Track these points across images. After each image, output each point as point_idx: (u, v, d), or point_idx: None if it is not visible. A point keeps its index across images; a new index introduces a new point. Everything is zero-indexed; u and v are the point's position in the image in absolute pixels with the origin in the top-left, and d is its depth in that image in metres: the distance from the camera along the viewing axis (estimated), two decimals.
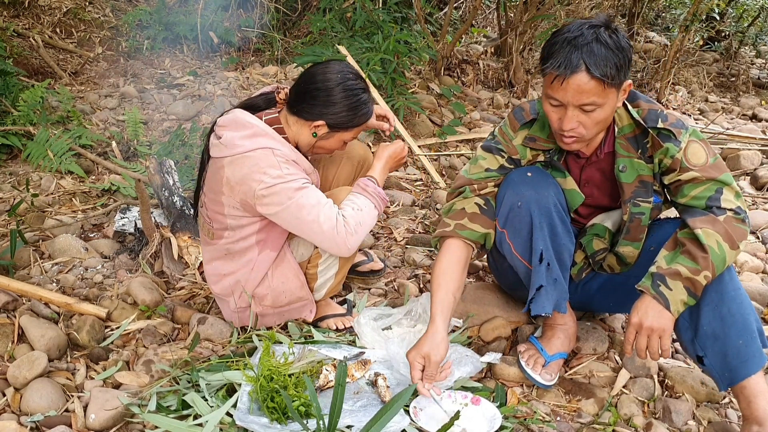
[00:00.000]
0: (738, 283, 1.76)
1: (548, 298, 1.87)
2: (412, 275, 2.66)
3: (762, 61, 7.26)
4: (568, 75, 1.63)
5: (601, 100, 1.66)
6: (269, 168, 1.88)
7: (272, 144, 1.92)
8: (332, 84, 1.96)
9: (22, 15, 5.35)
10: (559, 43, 1.65)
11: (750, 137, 4.44)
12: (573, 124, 1.70)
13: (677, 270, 1.68)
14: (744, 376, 1.71)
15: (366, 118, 2.04)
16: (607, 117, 1.71)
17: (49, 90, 4.04)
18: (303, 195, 1.89)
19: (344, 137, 2.05)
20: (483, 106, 4.86)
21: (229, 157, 1.91)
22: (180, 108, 4.22)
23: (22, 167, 3.46)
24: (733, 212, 1.72)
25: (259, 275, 2.06)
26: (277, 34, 5.20)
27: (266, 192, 1.87)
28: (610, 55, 1.62)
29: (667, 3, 7.47)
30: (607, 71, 1.62)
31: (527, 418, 1.82)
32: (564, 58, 1.63)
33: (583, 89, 1.64)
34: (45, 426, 1.69)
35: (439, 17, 5.64)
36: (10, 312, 2.15)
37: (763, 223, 3.23)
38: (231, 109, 2.03)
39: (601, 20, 1.67)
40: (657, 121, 1.79)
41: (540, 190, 1.86)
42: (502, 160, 1.95)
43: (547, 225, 1.86)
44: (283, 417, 1.67)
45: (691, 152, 1.77)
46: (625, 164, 1.84)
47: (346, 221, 1.91)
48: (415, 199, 3.46)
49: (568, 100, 1.67)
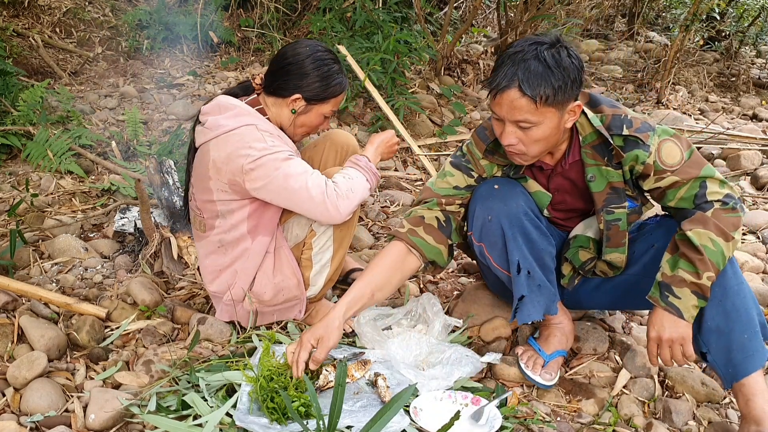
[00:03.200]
0: (741, 276, 1.75)
1: (534, 306, 1.87)
2: (412, 275, 2.66)
3: (762, 61, 7.26)
4: (500, 90, 1.63)
5: (534, 118, 1.64)
6: (254, 142, 1.91)
7: (256, 121, 1.97)
8: (302, 56, 2.02)
9: (21, 15, 5.34)
10: (502, 58, 1.66)
11: (750, 137, 4.44)
12: (512, 140, 1.70)
13: (681, 277, 1.67)
14: (749, 371, 1.71)
15: (340, 89, 2.07)
16: (547, 136, 1.69)
17: (48, 90, 4.04)
18: (290, 165, 1.91)
19: (322, 110, 2.08)
20: (483, 106, 4.86)
21: (214, 139, 1.95)
22: (180, 108, 4.22)
23: (22, 167, 3.46)
24: (720, 203, 1.69)
25: (255, 264, 2.05)
26: (277, 34, 5.20)
27: (253, 165, 1.89)
28: (547, 74, 1.60)
29: (667, 3, 7.47)
30: (539, 91, 1.60)
31: (527, 419, 1.82)
32: (501, 73, 1.63)
33: (515, 106, 1.63)
34: (45, 426, 1.69)
35: (439, 17, 5.64)
36: (10, 312, 2.15)
37: (763, 223, 3.23)
38: (212, 98, 2.07)
39: (549, 38, 1.65)
40: (622, 128, 1.75)
41: (508, 201, 1.86)
42: (471, 180, 1.94)
43: (520, 235, 1.86)
44: (283, 417, 1.67)
45: (665, 153, 1.74)
46: (593, 173, 1.82)
47: (336, 185, 1.92)
48: (414, 199, 3.46)
49: (503, 115, 1.67)
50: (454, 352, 2.00)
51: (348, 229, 2.09)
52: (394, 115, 3.90)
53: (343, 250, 2.13)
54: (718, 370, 1.76)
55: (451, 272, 2.69)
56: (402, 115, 3.94)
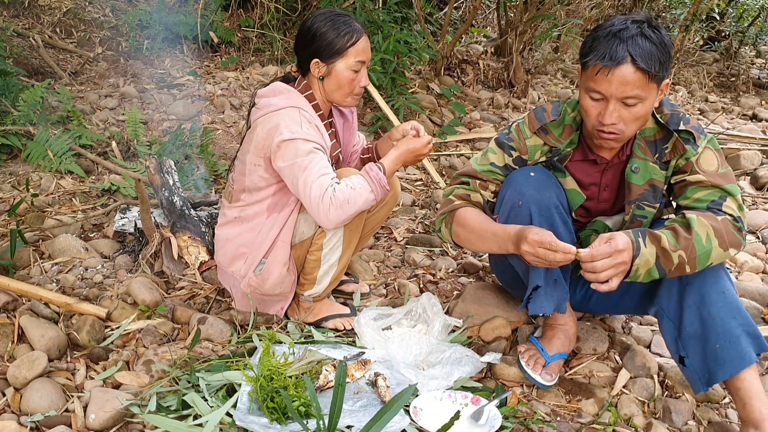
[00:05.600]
0: (724, 286, 1.74)
1: (548, 299, 1.87)
2: (412, 275, 2.66)
3: (762, 61, 7.26)
4: (613, 66, 1.63)
5: (644, 93, 1.66)
6: (292, 123, 1.97)
7: (302, 104, 2.02)
8: (308, 24, 2.07)
9: (22, 15, 5.34)
10: (602, 36, 1.66)
11: (750, 137, 4.44)
12: (613, 119, 1.69)
13: (659, 236, 1.67)
14: (719, 378, 1.71)
15: (352, 35, 2.03)
16: (646, 113, 1.71)
17: (49, 90, 4.03)
18: (310, 159, 1.94)
19: (346, 64, 2.04)
20: (483, 106, 4.86)
21: (262, 117, 2.02)
22: (180, 108, 4.22)
23: (22, 167, 3.46)
24: (732, 218, 1.71)
25: (262, 240, 2.08)
26: (277, 34, 5.20)
27: (283, 144, 1.95)
28: (654, 50, 1.63)
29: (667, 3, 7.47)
30: (651, 64, 1.63)
31: (527, 419, 1.82)
32: (609, 50, 1.63)
33: (628, 81, 1.64)
34: (45, 426, 1.69)
35: (439, 17, 5.64)
36: (10, 312, 2.15)
37: (763, 223, 3.23)
38: (269, 83, 2.14)
39: (643, 16, 1.68)
40: (679, 124, 1.80)
41: (542, 190, 1.86)
42: (509, 159, 1.96)
43: (547, 225, 1.85)
44: (283, 417, 1.67)
45: (704, 158, 1.79)
46: (638, 165, 1.84)
47: (334, 194, 1.92)
48: (415, 199, 3.46)
49: (612, 92, 1.66)
50: (454, 352, 2.00)
51: (357, 230, 2.11)
52: (394, 115, 3.90)
53: (350, 250, 2.15)
54: (695, 374, 1.75)
55: (451, 272, 2.69)
56: (402, 115, 3.94)
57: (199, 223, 2.67)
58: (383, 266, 2.74)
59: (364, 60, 2.07)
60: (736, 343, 1.69)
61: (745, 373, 1.70)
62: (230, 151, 3.77)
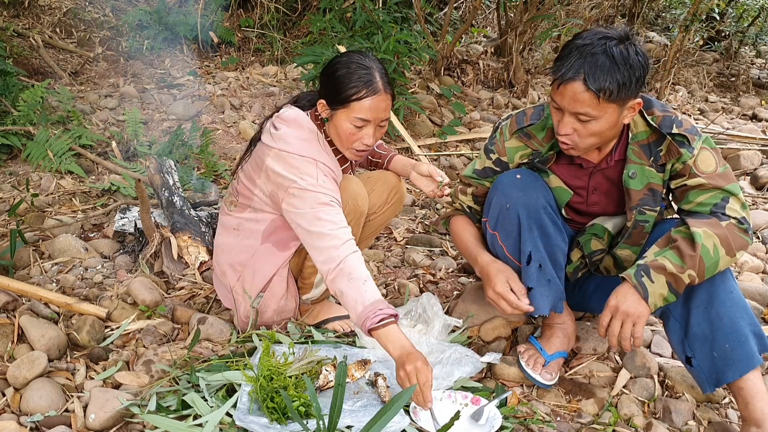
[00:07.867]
0: (731, 285, 1.74)
1: (543, 300, 1.87)
2: (412, 275, 2.66)
3: (762, 61, 7.26)
4: (564, 81, 1.64)
5: (595, 112, 1.65)
6: (308, 175, 1.88)
7: (320, 157, 1.92)
8: (337, 59, 1.94)
9: (22, 15, 5.35)
10: (569, 48, 1.66)
11: (750, 137, 4.44)
12: (567, 130, 1.71)
13: (662, 264, 1.67)
14: (728, 379, 1.71)
15: (360, 92, 1.86)
16: (603, 131, 1.70)
17: (49, 90, 4.04)
18: (324, 211, 1.85)
19: (348, 116, 1.88)
20: (483, 106, 4.86)
21: (278, 151, 1.92)
22: (180, 108, 4.22)
23: (22, 167, 3.46)
24: (736, 221, 1.71)
25: (255, 272, 2.06)
26: (277, 34, 5.20)
27: (297, 192, 1.87)
28: (613, 70, 1.60)
29: (667, 3, 7.47)
30: (604, 86, 1.60)
31: (527, 418, 1.82)
32: (566, 65, 1.63)
33: (577, 99, 1.64)
34: (45, 426, 1.69)
35: (439, 17, 5.64)
36: (10, 312, 2.15)
37: (763, 223, 3.23)
38: (289, 105, 2.05)
39: (618, 33, 1.65)
40: (672, 127, 1.78)
41: (528, 191, 1.86)
42: (489, 162, 1.99)
43: (536, 227, 1.86)
44: (283, 417, 1.67)
45: (701, 160, 1.77)
46: (635, 170, 1.83)
47: (333, 274, 1.80)
48: (415, 199, 3.46)
49: (564, 105, 1.67)
50: (454, 352, 2.00)
51: (354, 235, 2.09)
52: (395, 116, 3.90)
53: None
54: (702, 375, 1.75)
55: (451, 272, 2.69)
56: (402, 115, 3.94)
57: (199, 223, 2.67)
58: (383, 266, 2.74)
59: (368, 119, 1.89)
60: (745, 344, 1.70)
61: (749, 373, 1.70)
62: (230, 151, 3.77)
